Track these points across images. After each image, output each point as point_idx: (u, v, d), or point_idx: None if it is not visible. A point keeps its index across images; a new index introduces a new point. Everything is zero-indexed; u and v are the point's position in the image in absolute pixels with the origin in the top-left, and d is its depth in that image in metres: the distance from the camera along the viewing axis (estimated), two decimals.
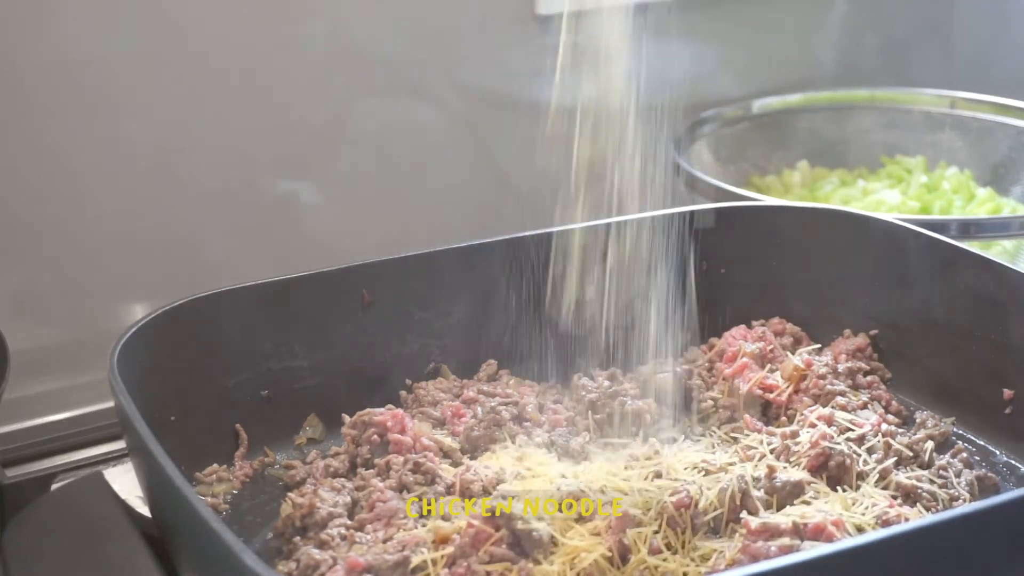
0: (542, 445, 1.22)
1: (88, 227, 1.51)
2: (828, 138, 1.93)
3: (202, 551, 0.94)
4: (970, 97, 1.88)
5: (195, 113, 1.54)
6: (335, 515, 1.11)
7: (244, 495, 1.20)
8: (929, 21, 2.06)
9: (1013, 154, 1.84)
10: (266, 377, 1.26)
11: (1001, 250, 1.53)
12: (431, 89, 1.69)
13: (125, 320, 1.31)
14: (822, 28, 1.97)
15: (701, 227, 1.37)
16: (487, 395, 1.29)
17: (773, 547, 1.01)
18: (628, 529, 1.04)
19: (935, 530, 0.90)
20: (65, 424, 1.49)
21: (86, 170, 1.50)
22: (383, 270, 1.31)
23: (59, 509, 1.08)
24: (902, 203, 1.74)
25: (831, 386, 1.28)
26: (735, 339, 1.36)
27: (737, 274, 1.42)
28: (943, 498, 1.14)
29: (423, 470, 1.16)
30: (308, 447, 1.28)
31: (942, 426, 1.26)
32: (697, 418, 1.31)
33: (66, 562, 1.00)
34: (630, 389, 1.29)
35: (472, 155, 1.74)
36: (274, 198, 1.62)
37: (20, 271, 1.50)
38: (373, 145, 1.66)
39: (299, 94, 1.61)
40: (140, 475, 1.07)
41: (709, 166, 1.81)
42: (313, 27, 1.60)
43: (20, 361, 1.25)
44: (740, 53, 1.92)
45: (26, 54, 1.44)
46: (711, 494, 1.08)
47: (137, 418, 1.03)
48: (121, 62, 1.49)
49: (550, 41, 1.76)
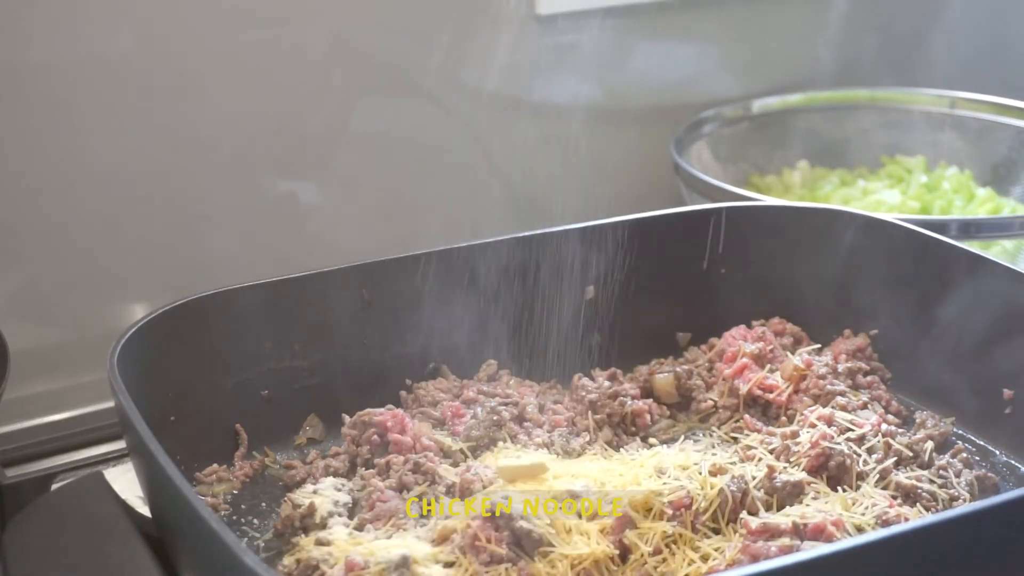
0: (542, 445, 1.22)
1: (88, 227, 1.51)
2: (828, 138, 1.93)
3: (202, 551, 0.94)
4: (970, 97, 1.88)
5: (195, 113, 1.54)
6: (335, 515, 1.11)
7: (244, 495, 1.20)
8: (929, 21, 2.06)
9: (1013, 154, 1.84)
10: (266, 377, 1.27)
11: (1001, 250, 1.53)
12: (431, 89, 1.69)
13: (125, 320, 1.31)
14: (822, 28, 1.97)
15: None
16: (487, 395, 1.29)
17: (773, 547, 1.01)
18: (628, 529, 1.04)
19: (935, 530, 0.90)
20: (65, 424, 1.49)
21: (86, 170, 1.50)
22: (383, 270, 1.31)
23: (59, 509, 1.08)
24: (902, 203, 1.74)
25: (831, 386, 1.28)
26: (735, 339, 1.36)
27: (737, 274, 1.42)
28: (943, 498, 1.14)
29: (423, 470, 1.16)
30: (308, 447, 1.28)
31: (942, 426, 1.26)
32: (697, 418, 1.31)
33: (66, 562, 1.00)
34: (630, 389, 1.29)
35: (472, 155, 1.74)
36: (274, 198, 1.62)
37: (20, 271, 1.50)
38: (373, 145, 1.66)
39: (299, 94, 1.61)
40: (140, 475, 1.08)
41: (709, 166, 1.81)
42: (313, 27, 1.60)
43: (20, 361, 1.25)
44: (740, 53, 1.92)
45: (26, 54, 1.44)
46: (711, 494, 1.08)
47: (137, 418, 1.03)
48: (121, 62, 1.49)
49: (550, 41, 1.77)
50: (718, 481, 1.09)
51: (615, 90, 1.82)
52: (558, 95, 1.77)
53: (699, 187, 1.63)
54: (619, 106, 1.83)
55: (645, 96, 1.86)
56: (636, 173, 1.83)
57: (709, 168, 1.79)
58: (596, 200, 1.45)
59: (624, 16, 1.80)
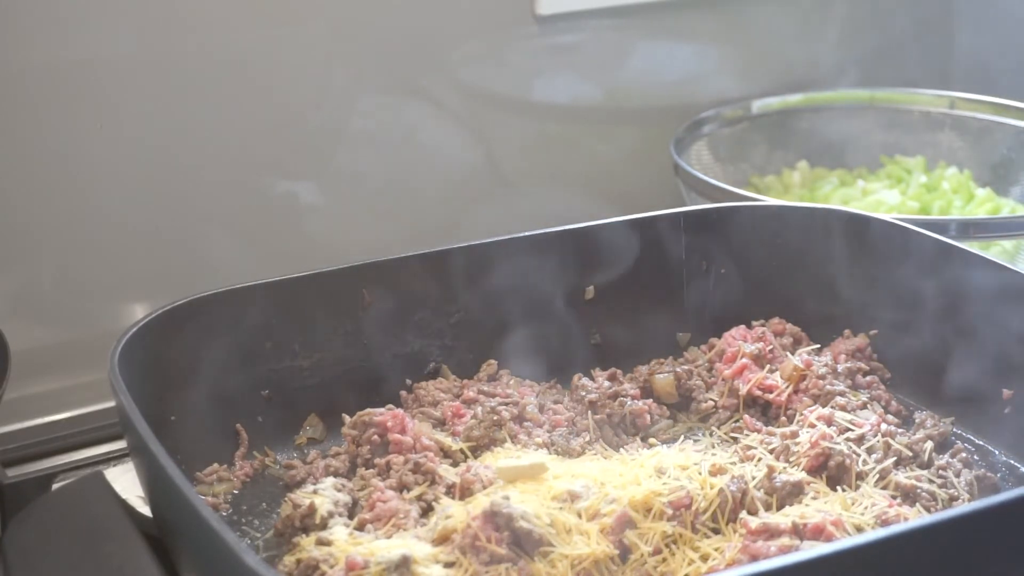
0: (542, 445, 1.22)
1: (88, 227, 1.52)
2: (828, 138, 1.93)
3: (202, 551, 0.94)
4: (970, 97, 1.88)
5: (195, 113, 1.54)
6: (335, 515, 1.11)
7: (244, 495, 1.20)
8: (929, 21, 2.06)
9: (1013, 154, 1.84)
10: (266, 377, 1.26)
11: (1001, 250, 1.53)
12: (431, 89, 1.69)
13: (125, 320, 1.32)
14: (822, 28, 1.97)
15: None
16: (487, 395, 1.29)
17: (773, 547, 1.01)
18: (628, 529, 1.04)
19: (935, 530, 0.90)
20: (65, 424, 1.49)
21: (86, 170, 1.50)
22: (383, 270, 1.31)
23: (59, 509, 1.08)
24: (902, 203, 1.74)
25: (831, 386, 1.28)
26: (735, 339, 1.35)
27: (737, 274, 1.42)
28: (943, 498, 1.14)
29: (423, 470, 1.16)
30: (308, 447, 1.28)
31: (942, 426, 1.26)
32: (697, 418, 1.31)
33: (66, 562, 1.00)
34: (630, 389, 1.29)
35: (472, 155, 1.74)
36: (274, 198, 1.63)
37: (20, 271, 1.50)
38: (373, 145, 1.66)
39: (299, 94, 1.61)
40: (140, 475, 1.08)
41: (709, 166, 1.81)
42: (313, 27, 1.60)
43: (20, 361, 1.25)
44: (740, 53, 1.92)
45: (27, 54, 1.44)
46: (711, 494, 1.08)
47: (137, 418, 1.03)
48: (121, 62, 1.49)
49: (550, 41, 1.77)
50: (718, 481, 1.09)
51: (615, 90, 1.82)
52: (558, 95, 1.77)
53: (699, 187, 1.63)
54: (619, 106, 1.83)
55: (645, 96, 1.86)
56: (636, 173, 1.83)
57: (709, 168, 1.79)
58: (596, 200, 1.45)
59: (624, 16, 1.81)
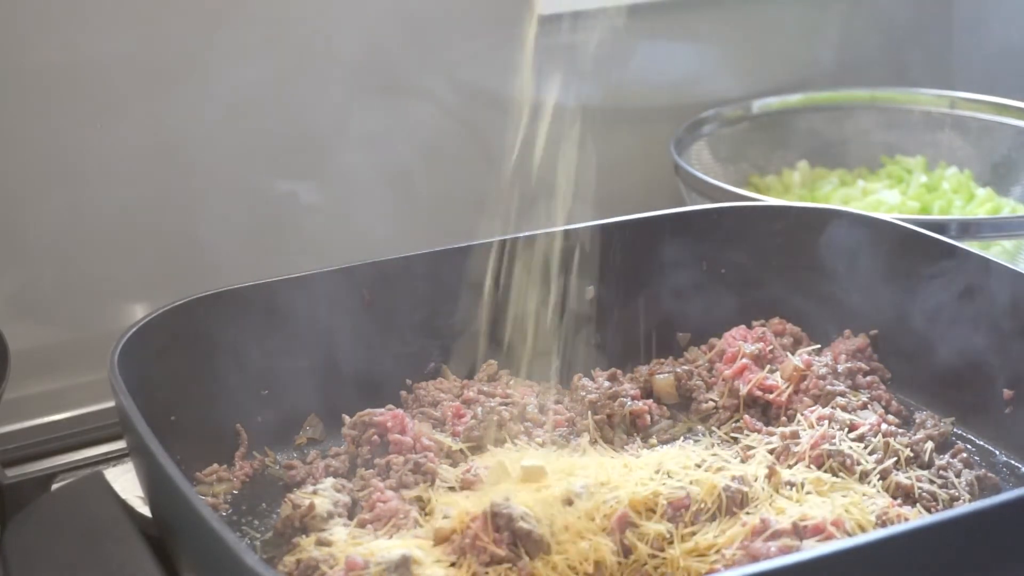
0: (542, 445, 1.22)
1: (88, 227, 1.52)
2: (828, 138, 1.93)
3: (202, 551, 0.94)
4: (970, 97, 1.88)
5: (195, 113, 1.54)
6: (335, 515, 1.11)
7: (244, 495, 1.20)
8: (929, 21, 2.06)
9: (1013, 154, 1.84)
10: (266, 377, 1.26)
11: (1001, 250, 1.53)
12: (431, 89, 1.69)
13: (125, 320, 1.31)
14: (822, 28, 1.97)
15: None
16: (487, 395, 1.29)
17: (773, 547, 1.01)
18: (628, 529, 1.04)
19: (935, 530, 0.90)
20: (65, 424, 1.49)
21: (86, 170, 1.50)
22: (383, 270, 1.31)
23: (59, 509, 1.08)
24: (902, 203, 1.74)
25: (831, 386, 1.28)
26: (735, 339, 1.35)
27: (737, 274, 1.42)
28: (943, 498, 1.14)
29: (423, 470, 1.16)
30: (308, 447, 1.28)
31: (942, 426, 1.26)
32: (697, 418, 1.31)
33: (66, 562, 1.00)
34: (630, 389, 1.29)
35: (471, 155, 1.74)
36: (274, 198, 1.62)
37: (20, 271, 1.50)
38: (373, 145, 1.66)
39: (299, 94, 1.61)
40: (140, 475, 1.08)
41: (709, 166, 1.81)
42: (312, 27, 1.60)
43: (20, 361, 1.25)
44: (740, 53, 1.92)
45: (27, 55, 1.44)
46: (711, 494, 1.08)
47: (137, 418, 1.03)
48: (121, 63, 1.49)
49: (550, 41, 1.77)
50: (718, 481, 1.09)
51: (615, 90, 1.82)
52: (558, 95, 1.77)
53: (699, 187, 1.63)
54: (619, 106, 1.83)
55: (645, 96, 1.86)
56: (636, 173, 1.83)
57: (709, 168, 1.79)
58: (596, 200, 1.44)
59: (624, 16, 1.80)
